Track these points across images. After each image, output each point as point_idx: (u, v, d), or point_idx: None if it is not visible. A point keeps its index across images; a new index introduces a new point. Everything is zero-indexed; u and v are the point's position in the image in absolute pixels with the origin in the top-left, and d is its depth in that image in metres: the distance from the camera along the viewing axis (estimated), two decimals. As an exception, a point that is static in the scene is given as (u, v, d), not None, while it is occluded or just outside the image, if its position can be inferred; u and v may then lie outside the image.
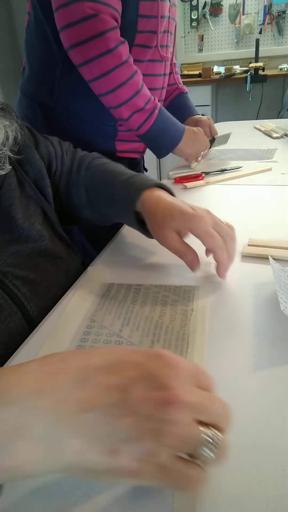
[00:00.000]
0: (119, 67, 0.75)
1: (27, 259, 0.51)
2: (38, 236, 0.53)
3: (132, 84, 0.78)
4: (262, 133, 1.36)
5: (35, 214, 0.54)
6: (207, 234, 0.47)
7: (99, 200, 0.60)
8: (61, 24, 0.72)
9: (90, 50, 0.73)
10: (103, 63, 0.74)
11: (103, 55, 0.73)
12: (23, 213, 0.52)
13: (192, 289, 0.49)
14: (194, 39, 3.13)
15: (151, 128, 0.84)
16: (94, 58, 0.73)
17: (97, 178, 0.61)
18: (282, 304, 0.41)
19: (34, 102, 0.89)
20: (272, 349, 0.38)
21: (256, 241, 0.58)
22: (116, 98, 0.79)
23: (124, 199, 0.55)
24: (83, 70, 0.76)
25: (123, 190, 0.56)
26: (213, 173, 0.95)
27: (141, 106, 0.81)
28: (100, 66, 0.74)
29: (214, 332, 0.41)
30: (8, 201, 0.50)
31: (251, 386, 0.34)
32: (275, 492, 0.26)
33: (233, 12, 2.94)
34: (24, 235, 0.51)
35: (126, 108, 0.80)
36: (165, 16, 0.83)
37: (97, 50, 0.73)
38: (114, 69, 0.75)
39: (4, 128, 0.49)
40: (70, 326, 0.44)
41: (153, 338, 0.41)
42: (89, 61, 0.74)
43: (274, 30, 2.93)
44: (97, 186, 0.60)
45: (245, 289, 0.48)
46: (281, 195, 0.78)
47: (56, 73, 0.84)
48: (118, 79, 0.76)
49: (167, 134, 0.88)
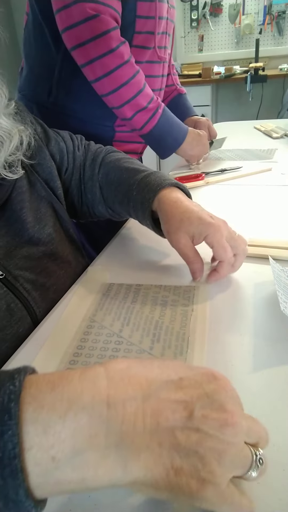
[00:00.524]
0: (121, 66, 0.75)
1: (38, 262, 0.51)
2: (49, 239, 0.53)
3: (134, 84, 0.79)
4: (262, 133, 1.36)
5: (46, 216, 0.54)
6: (220, 246, 0.47)
7: (115, 198, 0.60)
8: (63, 26, 0.73)
9: (93, 51, 0.73)
10: (105, 63, 0.74)
11: (106, 55, 0.73)
12: (34, 216, 0.51)
13: (192, 289, 0.49)
14: (194, 39, 3.13)
15: (154, 127, 0.84)
16: (97, 58, 0.74)
17: (112, 175, 0.61)
18: (282, 304, 0.41)
19: (32, 103, 0.89)
20: (271, 349, 0.38)
21: (256, 241, 0.58)
22: (119, 97, 0.79)
23: (140, 199, 0.55)
24: (86, 70, 0.76)
25: (139, 189, 0.55)
26: (213, 173, 0.95)
27: (144, 105, 0.81)
28: (102, 66, 0.74)
29: (214, 332, 0.41)
30: (19, 204, 0.50)
31: (251, 386, 0.34)
32: (275, 492, 0.26)
33: (233, 12, 2.94)
34: (35, 238, 0.51)
35: (129, 107, 0.80)
36: (163, 17, 0.83)
37: (99, 51, 0.73)
38: (117, 68, 0.75)
39: (19, 133, 0.49)
40: (70, 326, 0.44)
41: (153, 338, 0.41)
42: (92, 61, 0.74)
43: (274, 30, 2.93)
44: (112, 183, 0.60)
45: (245, 289, 0.48)
46: (281, 195, 0.78)
47: (54, 74, 0.85)
48: (120, 79, 0.77)
49: (171, 134, 0.88)
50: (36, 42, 0.85)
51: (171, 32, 0.91)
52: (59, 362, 0.39)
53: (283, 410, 0.32)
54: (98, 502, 0.26)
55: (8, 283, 0.46)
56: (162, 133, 0.86)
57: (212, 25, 3.03)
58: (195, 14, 3.01)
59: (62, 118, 0.88)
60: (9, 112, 0.48)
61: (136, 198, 0.55)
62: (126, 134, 0.92)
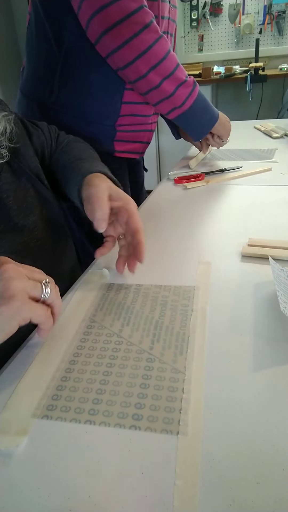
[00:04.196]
0: (158, 40, 0.75)
1: (23, 247, 0.53)
2: (34, 225, 0.55)
3: (172, 57, 0.78)
4: (262, 133, 1.36)
5: (32, 205, 0.55)
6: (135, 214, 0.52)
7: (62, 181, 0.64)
8: (92, 10, 0.71)
9: (127, 31, 0.72)
10: (144, 39, 0.73)
11: (142, 31, 0.73)
12: (18, 205, 0.53)
13: (192, 289, 0.49)
14: (194, 39, 3.13)
15: (195, 102, 0.84)
16: (134, 36, 0.73)
17: (60, 161, 0.65)
18: (282, 304, 0.41)
19: (33, 102, 0.89)
20: (272, 349, 0.38)
21: (256, 241, 0.58)
22: (160, 72, 0.78)
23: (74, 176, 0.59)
24: (124, 51, 0.75)
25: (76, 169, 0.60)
26: (213, 173, 0.95)
27: (183, 79, 0.80)
28: (142, 42, 0.73)
29: (214, 332, 0.41)
30: (5, 193, 0.51)
31: (251, 386, 0.34)
32: (275, 492, 0.26)
33: (233, 12, 2.94)
34: (20, 224, 0.53)
35: (170, 82, 0.79)
36: (165, 17, 0.82)
37: (134, 29, 0.72)
38: (155, 42, 0.75)
39: (3, 119, 0.51)
40: (70, 326, 0.44)
41: (153, 338, 0.41)
42: (129, 41, 0.73)
43: (274, 30, 2.93)
44: (60, 169, 0.64)
45: (245, 289, 0.48)
46: (281, 195, 0.78)
47: (55, 73, 0.84)
48: (160, 53, 0.76)
49: (209, 108, 0.89)
50: (38, 41, 0.85)
51: (172, 32, 0.91)
52: (59, 361, 0.39)
53: (283, 410, 0.32)
54: (98, 502, 0.26)
55: None
56: (202, 108, 0.86)
57: (212, 25, 3.03)
58: (195, 14, 3.00)
59: (63, 117, 0.88)
60: None
61: (72, 175, 0.59)
62: (127, 133, 0.91)
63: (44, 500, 0.27)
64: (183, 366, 0.37)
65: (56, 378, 0.37)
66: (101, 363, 0.38)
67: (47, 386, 0.36)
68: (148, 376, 0.36)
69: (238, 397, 0.33)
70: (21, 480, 0.28)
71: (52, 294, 0.39)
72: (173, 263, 0.56)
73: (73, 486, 0.27)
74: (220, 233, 0.64)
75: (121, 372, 0.37)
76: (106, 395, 0.35)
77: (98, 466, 0.29)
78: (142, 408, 0.33)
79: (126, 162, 0.99)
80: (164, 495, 0.26)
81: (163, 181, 0.96)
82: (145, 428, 0.31)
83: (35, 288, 0.37)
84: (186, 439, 0.30)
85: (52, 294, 0.39)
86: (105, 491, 0.27)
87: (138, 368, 0.37)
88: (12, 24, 3.00)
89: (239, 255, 0.56)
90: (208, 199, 0.81)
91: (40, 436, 0.32)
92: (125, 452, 0.30)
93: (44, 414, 0.33)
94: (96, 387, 0.36)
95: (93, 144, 0.90)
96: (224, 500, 0.26)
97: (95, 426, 0.32)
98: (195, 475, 0.27)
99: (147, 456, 0.29)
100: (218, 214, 0.72)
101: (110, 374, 0.37)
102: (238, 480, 0.27)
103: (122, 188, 0.58)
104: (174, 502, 0.26)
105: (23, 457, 0.30)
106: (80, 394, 0.35)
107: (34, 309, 0.37)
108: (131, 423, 0.32)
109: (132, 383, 0.36)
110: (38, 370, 0.38)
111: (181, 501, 0.26)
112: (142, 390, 0.35)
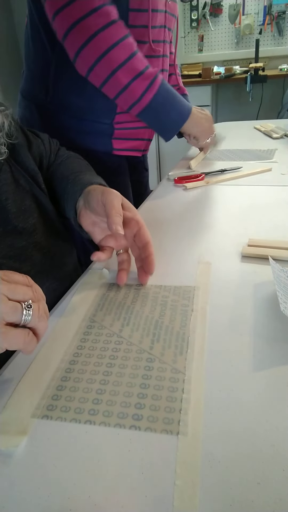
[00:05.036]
0: (108, 26, 0.67)
1: (22, 251, 0.52)
2: (33, 229, 0.54)
3: (126, 45, 0.70)
4: (262, 133, 1.36)
5: (31, 208, 0.55)
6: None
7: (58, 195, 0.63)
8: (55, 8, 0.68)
9: (74, 12, 0.65)
10: (89, 24, 0.65)
11: (88, 15, 0.65)
12: (18, 208, 0.52)
13: (192, 289, 0.49)
14: (194, 40, 3.13)
15: (155, 96, 0.75)
16: (79, 21, 0.65)
17: (57, 173, 0.64)
18: (282, 304, 0.41)
19: (31, 103, 0.90)
20: (272, 349, 0.38)
21: (256, 241, 0.58)
22: (109, 62, 0.69)
23: (71, 192, 0.58)
24: (71, 38, 0.68)
25: (73, 183, 0.59)
26: (213, 173, 0.95)
27: (140, 69, 0.73)
28: (88, 28, 0.66)
29: (214, 332, 0.41)
30: (4, 195, 0.51)
31: (251, 386, 0.34)
32: (275, 492, 0.26)
33: (233, 12, 2.94)
34: (19, 227, 0.52)
35: (123, 72, 0.71)
36: (158, 10, 0.81)
37: (80, 12, 0.65)
38: (103, 29, 0.66)
39: (0, 114, 0.50)
40: (70, 326, 0.44)
41: (153, 338, 0.41)
42: (75, 25, 0.66)
43: (274, 30, 2.93)
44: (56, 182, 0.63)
45: (245, 289, 0.48)
46: (281, 195, 0.78)
47: (50, 72, 0.85)
48: (109, 40, 0.68)
49: (174, 106, 0.79)
50: (34, 43, 0.86)
51: (171, 26, 0.90)
52: (59, 361, 0.39)
53: (283, 410, 0.32)
54: (98, 502, 0.26)
55: None
56: (164, 104, 0.77)
57: (212, 25, 3.03)
58: (195, 14, 3.01)
59: (60, 117, 0.88)
60: None
61: (68, 191, 0.58)
62: (125, 131, 0.91)
63: (44, 500, 0.27)
64: (183, 366, 0.37)
65: (56, 378, 0.37)
66: (101, 363, 0.38)
67: (47, 386, 0.36)
68: (148, 376, 0.36)
69: (238, 397, 0.33)
70: (21, 480, 0.28)
71: (34, 318, 0.34)
72: (173, 263, 0.56)
73: (73, 486, 0.27)
74: (220, 233, 0.64)
75: (121, 372, 0.37)
76: (106, 395, 0.35)
77: (98, 466, 0.29)
78: (142, 408, 0.33)
79: (126, 161, 0.98)
80: (164, 495, 0.26)
81: (163, 181, 0.96)
82: (145, 428, 0.31)
83: (13, 313, 0.33)
84: (186, 439, 0.30)
85: (34, 318, 0.34)
86: (105, 491, 0.27)
87: (138, 368, 0.37)
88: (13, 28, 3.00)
89: (239, 255, 0.56)
90: (208, 199, 0.81)
91: (40, 436, 0.31)
92: (125, 452, 0.30)
93: (44, 414, 0.33)
94: (96, 387, 0.36)
95: (91, 143, 0.90)
96: (224, 500, 0.26)
97: (95, 426, 0.32)
98: (195, 475, 0.27)
99: (147, 456, 0.29)
100: (218, 214, 0.72)
101: (110, 374, 0.37)
102: (238, 480, 0.27)
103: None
104: (174, 502, 0.26)
105: (23, 457, 0.30)
106: (80, 394, 0.35)
107: (9, 338, 0.32)
108: (131, 423, 0.32)
109: (132, 383, 0.36)
110: (38, 370, 0.38)
111: (181, 501, 0.26)
112: (142, 390, 0.35)
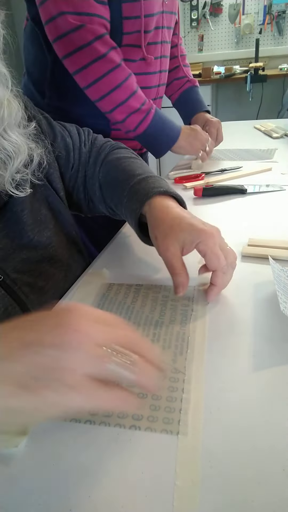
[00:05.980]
0: (113, 71, 0.77)
1: (36, 266, 0.51)
2: (48, 242, 0.52)
3: (127, 87, 0.80)
4: (262, 133, 1.36)
5: (46, 218, 0.53)
6: (213, 253, 0.43)
7: (111, 200, 0.60)
8: (52, 37, 0.75)
9: (82, 59, 0.75)
10: (96, 69, 0.76)
11: (95, 61, 0.75)
12: (34, 218, 0.51)
13: (192, 289, 0.49)
14: (194, 39, 3.13)
15: (148, 127, 0.85)
16: (87, 66, 0.75)
17: (110, 176, 0.60)
18: (282, 304, 0.41)
19: None
20: (272, 349, 0.38)
21: (256, 241, 0.58)
22: (110, 101, 0.80)
23: (128, 207, 0.53)
24: (78, 78, 0.78)
25: (129, 197, 0.54)
26: (213, 173, 0.95)
27: (137, 107, 0.82)
28: (94, 72, 0.76)
29: (214, 332, 0.41)
30: (20, 206, 0.49)
31: (251, 386, 0.34)
32: (276, 492, 0.26)
33: (233, 12, 2.94)
34: (34, 240, 0.50)
35: (121, 110, 0.81)
36: (153, 14, 0.82)
37: (88, 58, 0.75)
38: (108, 73, 0.77)
39: (29, 150, 0.47)
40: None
41: (153, 338, 0.41)
42: (82, 69, 0.76)
43: (274, 30, 2.93)
44: (110, 185, 0.60)
45: (245, 289, 0.48)
46: (281, 195, 0.78)
47: (46, 75, 0.86)
48: (112, 83, 0.78)
49: (164, 132, 0.88)
50: (32, 46, 0.87)
51: (170, 25, 0.91)
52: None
53: (283, 410, 0.32)
54: (98, 502, 0.26)
55: (6, 286, 0.46)
56: (155, 132, 0.87)
57: (212, 25, 3.03)
58: (195, 14, 3.01)
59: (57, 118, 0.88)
60: (27, 132, 0.48)
61: (126, 206, 0.54)
62: (122, 132, 0.92)
63: (44, 500, 0.27)
64: (183, 366, 0.37)
65: (56, 378, 0.37)
66: (101, 363, 0.38)
67: (47, 386, 0.36)
68: (148, 376, 0.36)
69: (238, 397, 0.33)
70: (21, 480, 0.28)
71: (140, 377, 0.26)
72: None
73: (73, 486, 0.27)
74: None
75: (121, 372, 0.37)
76: (106, 395, 0.35)
77: (98, 466, 0.29)
78: (142, 408, 0.33)
79: None
80: (164, 495, 0.26)
81: (163, 181, 0.95)
82: (145, 428, 0.31)
83: (110, 373, 0.25)
84: (186, 439, 0.30)
85: (140, 377, 0.26)
86: (105, 491, 0.27)
87: (138, 368, 0.37)
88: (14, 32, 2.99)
89: (239, 255, 0.56)
90: (208, 198, 0.81)
91: (40, 436, 0.31)
92: (125, 452, 0.30)
93: (44, 414, 0.33)
94: (96, 387, 0.35)
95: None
96: (224, 500, 0.26)
97: (95, 426, 0.32)
98: (195, 475, 0.27)
99: (147, 456, 0.29)
100: (218, 214, 0.72)
101: (110, 374, 0.37)
102: (238, 480, 0.27)
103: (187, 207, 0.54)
104: (174, 502, 0.26)
105: (23, 457, 0.30)
106: (80, 394, 0.35)
107: (100, 401, 0.25)
108: (131, 423, 0.32)
109: (132, 383, 0.36)
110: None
111: (181, 501, 0.26)
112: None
